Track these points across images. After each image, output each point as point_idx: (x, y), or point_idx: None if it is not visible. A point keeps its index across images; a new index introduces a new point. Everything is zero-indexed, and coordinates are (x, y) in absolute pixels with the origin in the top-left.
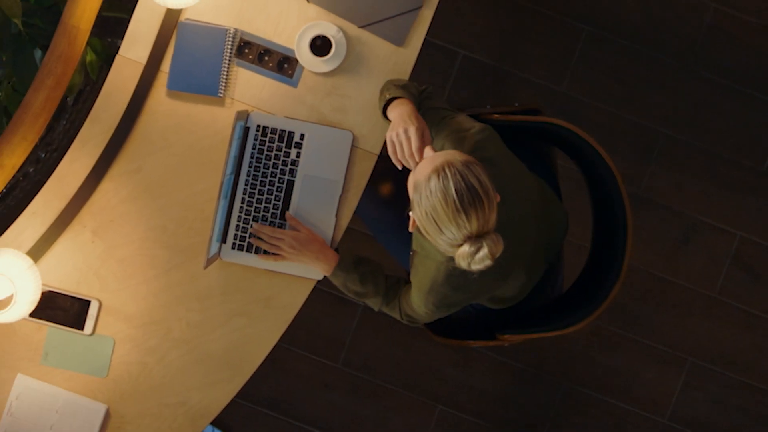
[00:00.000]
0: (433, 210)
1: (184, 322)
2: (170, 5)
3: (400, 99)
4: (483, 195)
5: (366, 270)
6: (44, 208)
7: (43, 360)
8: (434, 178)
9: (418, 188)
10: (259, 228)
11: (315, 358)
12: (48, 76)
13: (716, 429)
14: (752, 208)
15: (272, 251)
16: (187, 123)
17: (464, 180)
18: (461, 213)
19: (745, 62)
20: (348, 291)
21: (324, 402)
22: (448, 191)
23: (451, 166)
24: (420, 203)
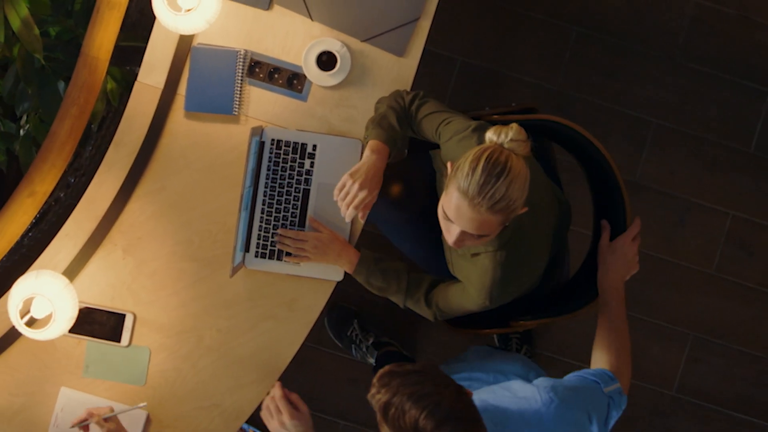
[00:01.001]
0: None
1: (214, 329)
2: (182, 32)
3: (376, 143)
4: (486, 153)
5: (387, 266)
6: (76, 230)
7: (85, 372)
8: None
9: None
10: (284, 233)
11: (340, 354)
12: (72, 105)
13: (721, 398)
14: (742, 187)
15: (297, 254)
16: (205, 141)
17: (487, 174)
18: (504, 174)
19: (726, 51)
20: (371, 287)
21: (351, 396)
22: (498, 184)
23: (471, 196)
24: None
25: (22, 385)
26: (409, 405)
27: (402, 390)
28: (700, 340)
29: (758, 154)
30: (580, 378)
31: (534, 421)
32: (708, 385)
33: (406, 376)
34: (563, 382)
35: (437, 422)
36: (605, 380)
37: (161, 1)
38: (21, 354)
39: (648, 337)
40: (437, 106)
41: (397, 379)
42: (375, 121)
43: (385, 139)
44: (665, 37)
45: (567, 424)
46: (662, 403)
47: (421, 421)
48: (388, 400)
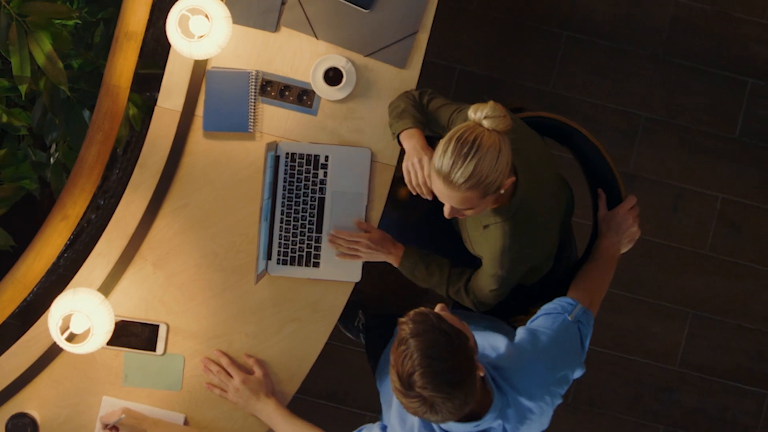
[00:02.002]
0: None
1: (243, 334)
2: (196, 57)
3: (409, 130)
4: (458, 132)
5: (430, 259)
6: (108, 249)
7: (124, 381)
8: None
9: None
10: (337, 234)
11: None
12: (97, 132)
13: (722, 370)
14: (729, 171)
15: (350, 253)
16: (224, 159)
17: (456, 152)
18: (477, 151)
19: (707, 45)
20: (415, 279)
21: (374, 389)
22: (466, 163)
23: (444, 174)
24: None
25: (66, 397)
26: (417, 355)
27: (422, 338)
28: (699, 317)
29: (742, 139)
30: (548, 318)
31: (528, 367)
32: (709, 358)
33: (434, 329)
34: (539, 331)
35: (428, 384)
36: (566, 308)
37: (175, 29)
38: (63, 368)
39: (649, 316)
40: (446, 99)
41: (425, 326)
42: (397, 116)
43: (413, 124)
44: (649, 35)
45: (553, 369)
46: (667, 378)
47: (415, 376)
48: (406, 337)
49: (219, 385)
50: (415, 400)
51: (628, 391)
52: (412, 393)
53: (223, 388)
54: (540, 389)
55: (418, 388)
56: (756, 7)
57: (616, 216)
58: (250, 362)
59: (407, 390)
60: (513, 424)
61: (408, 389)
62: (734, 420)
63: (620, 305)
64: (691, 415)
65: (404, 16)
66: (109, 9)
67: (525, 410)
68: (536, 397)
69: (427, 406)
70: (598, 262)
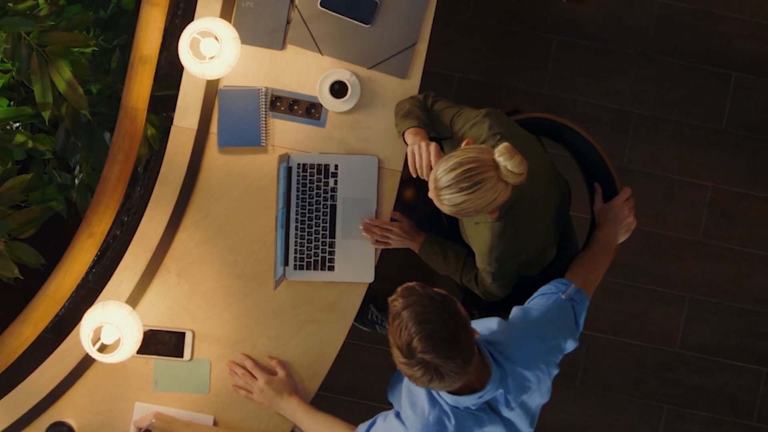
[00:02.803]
0: (479, 208)
1: (264, 337)
2: (208, 77)
3: (414, 128)
4: (466, 168)
5: (448, 248)
6: (134, 262)
7: (155, 387)
8: (444, 207)
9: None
10: (371, 221)
11: (378, 347)
12: (118, 152)
13: (720, 349)
14: (718, 161)
15: (383, 240)
16: (239, 172)
17: (449, 186)
18: (475, 188)
19: (692, 42)
20: (432, 264)
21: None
22: (455, 202)
23: (438, 191)
24: (470, 217)
25: (100, 404)
26: (412, 324)
27: (412, 308)
28: (696, 300)
29: (729, 129)
30: (543, 297)
31: (520, 339)
32: (707, 339)
33: (422, 297)
34: (532, 308)
35: (427, 348)
36: (560, 288)
37: (187, 51)
38: (97, 377)
39: (649, 302)
40: (448, 102)
41: (414, 297)
42: (403, 116)
43: (418, 123)
44: (636, 35)
45: (545, 339)
46: (668, 360)
47: (414, 342)
48: (398, 311)
49: (244, 386)
50: (419, 368)
51: (632, 374)
52: (414, 360)
53: (249, 389)
54: (534, 357)
55: (419, 354)
56: (735, 3)
57: (613, 208)
58: (273, 363)
59: (409, 359)
60: (514, 394)
61: (410, 357)
62: (733, 396)
63: (620, 293)
64: (692, 393)
65: (403, 29)
66: (124, 35)
67: (523, 379)
68: (532, 366)
69: (431, 372)
70: (594, 248)
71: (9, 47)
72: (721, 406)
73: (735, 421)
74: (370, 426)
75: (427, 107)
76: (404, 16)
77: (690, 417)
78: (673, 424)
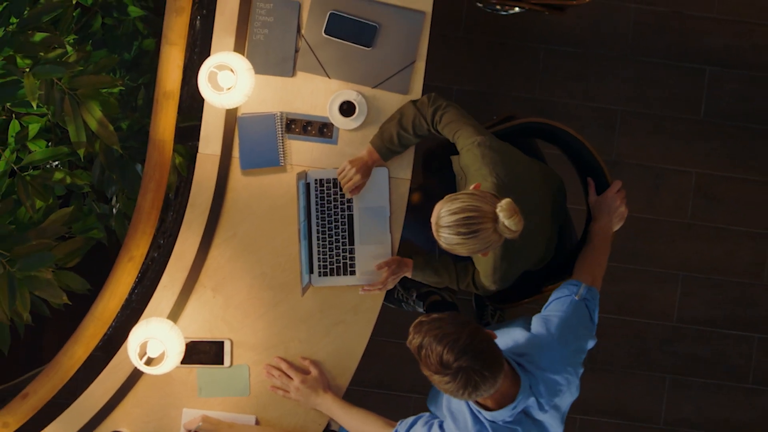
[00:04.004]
0: (471, 250)
1: (296, 340)
2: (227, 107)
3: (372, 150)
4: (465, 216)
5: (437, 265)
6: (172, 281)
7: (199, 393)
8: (439, 240)
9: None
10: (371, 288)
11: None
12: (150, 181)
13: (714, 320)
14: (699, 149)
15: (381, 289)
16: (262, 191)
17: (449, 227)
18: (471, 236)
19: (667, 42)
20: (429, 282)
21: (416, 373)
22: (451, 242)
23: (438, 228)
24: (462, 254)
25: (150, 413)
26: (435, 344)
27: (429, 333)
28: (688, 277)
29: (707, 119)
30: (558, 302)
31: (545, 346)
32: (701, 312)
33: (432, 322)
34: (550, 316)
35: (457, 355)
36: (572, 290)
37: (206, 85)
38: (146, 388)
39: (646, 282)
40: (453, 115)
41: (425, 326)
42: (384, 127)
43: (378, 147)
44: (615, 39)
45: (567, 344)
46: (667, 333)
47: (444, 356)
48: (419, 343)
49: (281, 387)
50: (455, 380)
51: (635, 349)
52: (450, 371)
53: (285, 389)
54: (562, 362)
55: (454, 364)
56: (704, 4)
57: (606, 199)
58: (306, 363)
59: (445, 371)
60: (547, 398)
61: (446, 369)
62: (729, 362)
63: (619, 276)
64: (692, 363)
65: (402, 49)
66: (147, 74)
67: (554, 383)
68: (560, 370)
69: (469, 382)
70: (594, 243)
71: (43, 93)
72: (718, 372)
73: (732, 385)
74: (410, 426)
75: (433, 124)
76: (402, 37)
77: (691, 384)
78: (676, 392)
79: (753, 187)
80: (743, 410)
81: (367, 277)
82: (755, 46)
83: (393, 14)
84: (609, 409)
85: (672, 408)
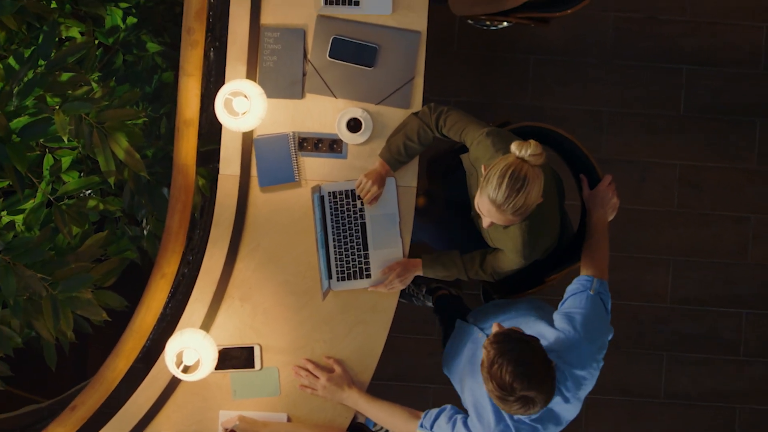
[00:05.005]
0: (536, 194)
1: (320, 341)
2: (243, 130)
3: (382, 162)
4: (512, 175)
5: (445, 259)
6: (202, 294)
7: (234, 396)
8: (504, 217)
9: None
10: (375, 288)
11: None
12: (176, 203)
13: (705, 299)
14: (681, 142)
15: (391, 289)
16: (280, 206)
17: (503, 195)
18: (525, 185)
19: (645, 46)
20: (440, 277)
21: (433, 365)
22: (516, 205)
23: (493, 203)
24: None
25: (190, 417)
26: (511, 367)
27: (510, 354)
28: (678, 261)
29: (686, 114)
30: (575, 298)
31: (574, 345)
32: (693, 292)
33: (515, 342)
34: (572, 312)
35: (527, 386)
36: (586, 285)
37: (222, 111)
38: (184, 394)
39: (639, 268)
40: (456, 117)
41: (507, 343)
42: (390, 140)
43: (387, 159)
44: (598, 46)
45: (594, 340)
46: (662, 314)
47: (515, 383)
48: (494, 357)
49: (309, 385)
50: (516, 403)
51: (632, 330)
52: (512, 397)
53: (313, 387)
54: (588, 358)
55: (519, 392)
56: (677, 8)
57: (599, 192)
58: (330, 362)
59: (508, 395)
60: (573, 392)
61: (509, 394)
62: (721, 336)
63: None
64: (686, 340)
65: (401, 67)
66: (168, 105)
67: (580, 378)
68: (587, 366)
69: (527, 404)
70: (594, 237)
71: (73, 128)
72: (711, 347)
73: (725, 358)
74: (435, 419)
75: (438, 129)
76: (401, 56)
77: (686, 359)
78: (674, 368)
79: (732, 174)
80: (736, 380)
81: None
82: (726, 45)
83: (391, 35)
84: (613, 388)
85: (671, 382)
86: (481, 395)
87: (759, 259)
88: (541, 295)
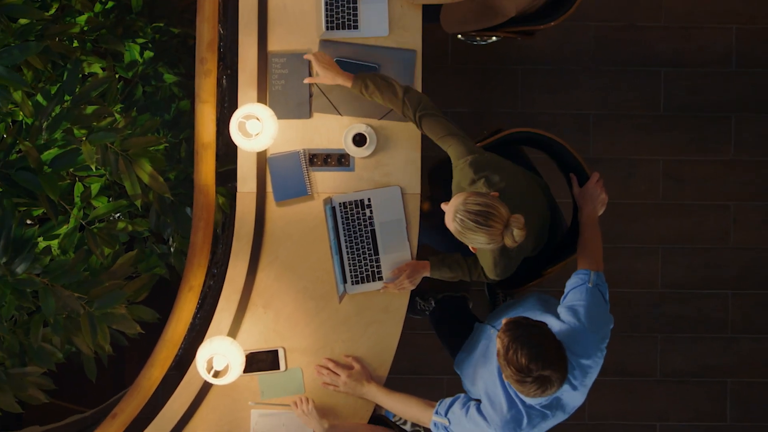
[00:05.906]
0: (474, 240)
1: (339, 342)
2: (257, 150)
3: (353, 86)
4: (487, 210)
5: (450, 261)
6: (227, 303)
7: (262, 396)
8: (453, 223)
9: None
10: (385, 288)
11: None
12: (199, 221)
13: (692, 282)
14: (663, 139)
15: (400, 289)
16: (295, 218)
17: (470, 212)
18: (485, 227)
19: (625, 51)
20: (446, 278)
21: (444, 358)
22: (467, 225)
23: (458, 211)
24: (466, 239)
25: (223, 417)
26: (526, 349)
27: (523, 337)
28: (666, 249)
29: (666, 113)
30: (575, 292)
31: (580, 336)
32: (681, 277)
33: (526, 327)
34: (575, 305)
35: (540, 365)
36: (584, 279)
37: (237, 133)
38: (216, 397)
39: (630, 257)
40: (439, 121)
41: (519, 329)
42: (368, 83)
43: (358, 90)
44: (581, 54)
45: (598, 330)
46: (654, 298)
47: (531, 364)
48: (508, 343)
49: (331, 382)
50: (534, 383)
51: (627, 315)
52: (530, 378)
53: (335, 384)
54: (593, 348)
55: (536, 372)
56: (652, 15)
57: (588, 189)
58: (349, 360)
59: (526, 377)
60: (580, 380)
61: (527, 375)
62: (709, 316)
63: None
64: (678, 321)
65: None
66: (186, 131)
67: (586, 367)
68: (592, 355)
69: (545, 384)
70: (587, 231)
71: (99, 156)
72: (701, 327)
73: (714, 336)
74: (449, 406)
75: (415, 123)
76: (399, 72)
77: (679, 340)
78: (667, 348)
79: (711, 166)
80: (725, 356)
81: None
82: (699, 47)
83: (389, 55)
84: (612, 369)
85: (665, 362)
86: (494, 383)
87: (740, 243)
88: (541, 287)
